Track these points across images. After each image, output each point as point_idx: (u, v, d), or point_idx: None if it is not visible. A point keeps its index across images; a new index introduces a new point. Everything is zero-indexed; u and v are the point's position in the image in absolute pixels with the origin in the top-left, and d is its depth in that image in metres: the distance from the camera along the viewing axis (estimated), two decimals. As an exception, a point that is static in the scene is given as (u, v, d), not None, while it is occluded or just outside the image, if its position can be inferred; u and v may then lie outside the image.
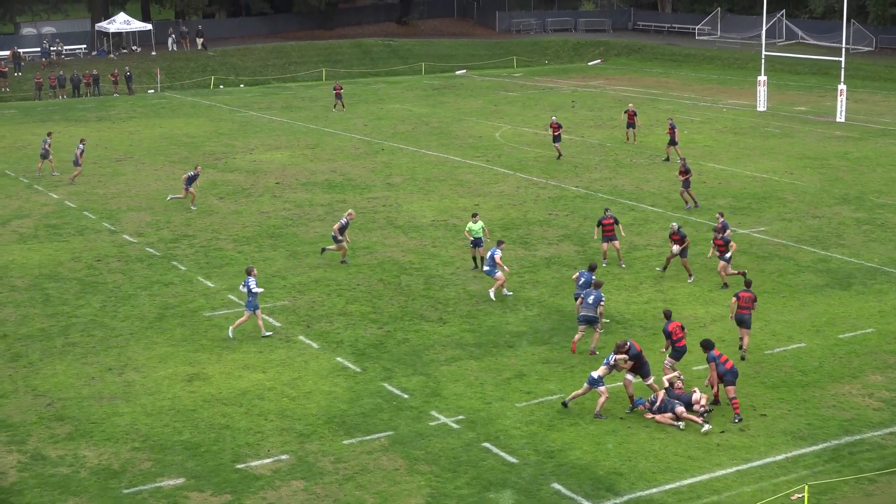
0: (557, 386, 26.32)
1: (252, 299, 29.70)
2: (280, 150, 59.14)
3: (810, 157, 54.32)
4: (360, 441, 23.61)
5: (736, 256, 36.86)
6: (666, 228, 40.66)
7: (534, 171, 52.17)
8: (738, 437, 23.48)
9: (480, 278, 34.93)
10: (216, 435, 23.99)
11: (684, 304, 32.27)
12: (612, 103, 75.42)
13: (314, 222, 42.76)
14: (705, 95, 79.15)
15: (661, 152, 55.61)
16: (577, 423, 24.28)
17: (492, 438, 23.63)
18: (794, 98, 76.57)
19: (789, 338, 29.45)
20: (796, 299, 32.66)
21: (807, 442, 23.31)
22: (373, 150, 58.47)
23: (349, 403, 25.57)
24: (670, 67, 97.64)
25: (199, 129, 64.90)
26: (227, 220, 43.35)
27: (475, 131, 64.27)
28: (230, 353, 28.82)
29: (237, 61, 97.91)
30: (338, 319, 31.44)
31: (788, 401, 25.37)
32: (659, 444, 23.23)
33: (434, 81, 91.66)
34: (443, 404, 25.44)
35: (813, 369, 27.23)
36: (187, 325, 31.12)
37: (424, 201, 46.05)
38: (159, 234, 41.42)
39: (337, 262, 36.88)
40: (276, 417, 24.86)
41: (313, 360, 28.30)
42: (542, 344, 29.21)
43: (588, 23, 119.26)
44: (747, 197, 45.83)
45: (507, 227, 41.46)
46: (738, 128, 63.83)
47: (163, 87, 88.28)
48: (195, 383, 26.88)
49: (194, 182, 45.18)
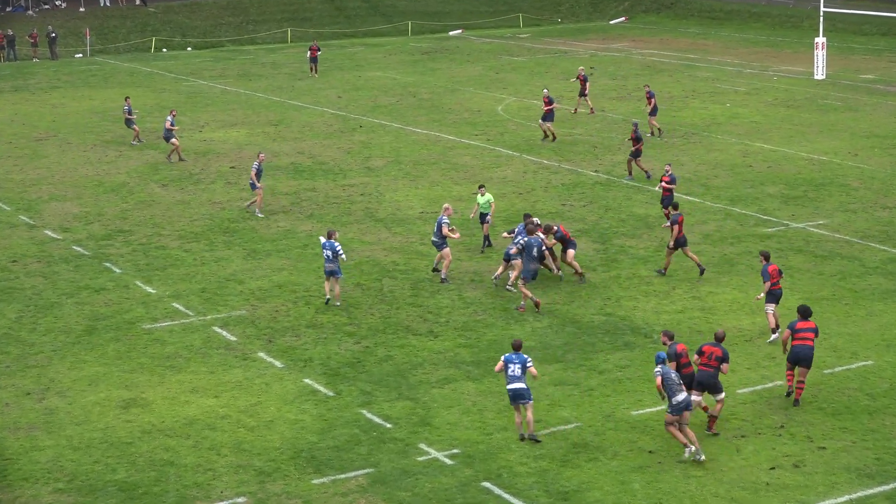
0: (572, 413, 26.33)
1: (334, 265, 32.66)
2: (236, 127, 59.12)
3: (879, 136, 54.40)
4: (332, 480, 23.58)
5: (790, 255, 36.93)
6: (705, 223, 40.73)
7: (544, 152, 52.21)
8: (791, 475, 23.50)
9: (478, 282, 34.96)
10: (157, 473, 23.94)
11: (725, 313, 32.31)
12: (640, 70, 75.51)
13: (277, 215, 42.76)
14: (752, 61, 79.25)
15: (695, 128, 55.70)
16: (597, 457, 24.29)
17: (493, 477, 23.62)
18: (860, 64, 76.69)
19: (853, 354, 29.48)
20: (862, 307, 32.70)
21: (875, 480, 23.32)
22: (349, 128, 58.47)
23: (320, 435, 25.55)
24: (710, 27, 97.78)
25: (138, 102, 64.76)
26: (172, 213, 43.32)
27: (473, 104, 64.30)
28: (175, 374, 28.79)
29: (183, 19, 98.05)
30: (306, 333, 31.43)
31: (853, 431, 25.39)
32: (695, 483, 23.24)
33: (423, 44, 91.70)
34: (433, 435, 25.44)
35: (882, 392, 27.25)
36: (123, 340, 31.09)
37: (411, 189, 46.08)
38: (89, 229, 41.39)
39: (305, 264, 36.88)
40: (230, 452, 24.83)
41: (276, 383, 28.28)
42: (554, 362, 29.23)
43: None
44: (803, 184, 45.90)
45: (512, 219, 41.45)
46: (791, 100, 63.92)
47: (93, 50, 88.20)
48: (132, 410, 26.84)
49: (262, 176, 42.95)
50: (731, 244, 38.44)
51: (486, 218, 37.89)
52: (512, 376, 24.86)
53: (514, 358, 25.02)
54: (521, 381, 24.83)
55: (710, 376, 25.09)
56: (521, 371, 24.88)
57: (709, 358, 25.19)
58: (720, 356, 25.12)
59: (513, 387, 24.85)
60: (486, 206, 37.86)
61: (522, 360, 24.92)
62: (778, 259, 36.48)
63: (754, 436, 25.12)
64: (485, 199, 37.87)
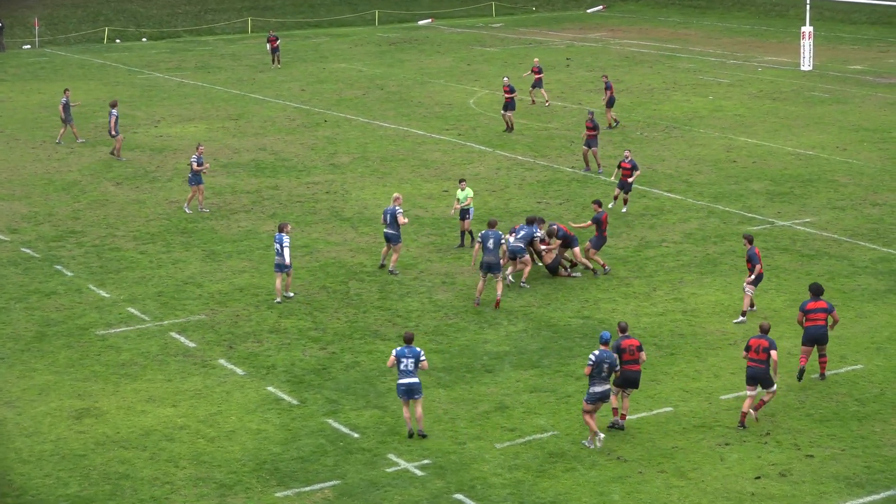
0: (549, 421, 26.40)
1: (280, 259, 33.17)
2: (194, 121, 59.03)
3: (868, 129, 54.70)
4: (297, 493, 23.59)
5: (775, 254, 37.11)
6: (687, 221, 40.89)
7: (518, 147, 52.31)
8: (777, 485, 23.61)
9: (449, 284, 35.03)
10: (112, 487, 23.90)
11: (708, 316, 32.44)
12: (618, 61, 75.70)
13: (237, 214, 42.72)
14: (736, 51, 79.57)
15: (677, 122, 55.91)
16: (575, 467, 24.36)
17: (466, 488, 23.67)
18: (849, 54, 77.10)
19: (842, 358, 29.64)
20: (851, 309, 32.88)
21: (865, 490, 23.44)
22: (313, 122, 58.46)
23: (283, 445, 25.55)
24: (691, 16, 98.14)
25: (90, 96, 64.62)
26: (126, 212, 43.23)
27: (443, 97, 64.37)
28: (130, 383, 28.74)
29: (138, 8, 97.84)
30: (268, 338, 31.43)
31: (842, 438, 25.54)
32: (677, 493, 23.33)
33: (391, 34, 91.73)
34: (403, 445, 25.47)
35: (873, 398, 27.41)
36: (75, 347, 31.01)
37: (379, 187, 46.10)
38: (38, 230, 41.26)
39: (267, 266, 36.86)
40: (189, 464, 24.81)
41: (237, 391, 28.26)
42: (530, 368, 29.30)
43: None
44: (789, 179, 46.12)
45: (484, 218, 41.45)
46: (776, 92, 64.21)
47: (42, 41, 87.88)
48: (85, 421, 26.78)
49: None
50: (715, 243, 38.60)
51: (468, 213, 38.17)
52: (404, 371, 25.38)
53: (407, 352, 25.51)
54: (413, 375, 25.38)
55: (761, 371, 25.82)
56: (414, 366, 25.40)
57: (756, 352, 25.86)
58: (767, 347, 25.78)
59: (405, 381, 25.40)
60: (464, 200, 38.08)
61: (416, 354, 25.44)
62: (764, 258, 36.61)
63: (739, 444, 25.24)
64: (464, 193, 38.08)
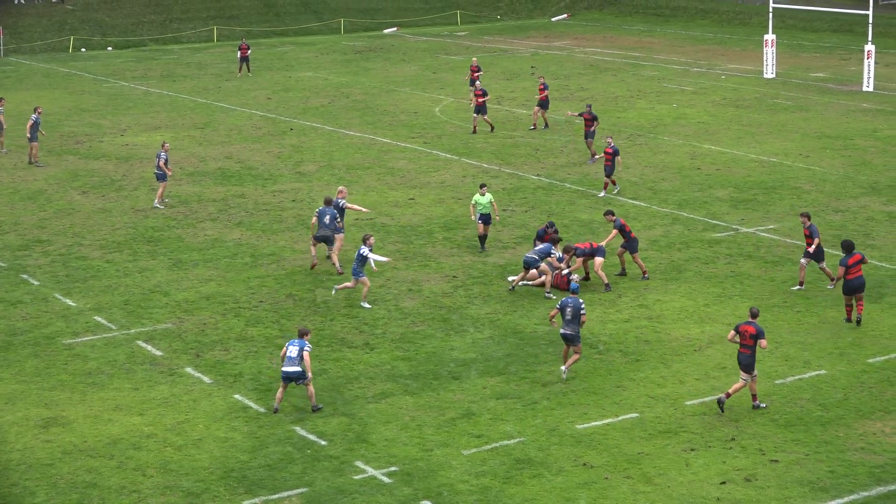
0: (515, 428, 26.44)
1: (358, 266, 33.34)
2: (160, 130, 58.85)
3: (831, 136, 54.99)
4: (265, 501, 23.55)
5: (739, 261, 37.28)
6: (652, 228, 41.02)
7: (484, 155, 52.36)
8: (742, 490, 23.70)
9: (416, 292, 35.04)
10: (79, 496, 23.81)
11: (674, 322, 32.55)
12: (582, 69, 75.88)
13: (204, 223, 42.63)
14: (699, 59, 79.87)
15: (641, 130, 56.08)
16: (541, 473, 24.40)
17: (433, 495, 23.68)
18: (811, 62, 77.51)
19: (806, 363, 29.79)
20: (814, 315, 33.04)
21: (829, 494, 23.57)
22: (279, 131, 58.38)
23: (251, 453, 25.51)
24: (655, 24, 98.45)
25: (56, 105, 64.33)
26: (92, 221, 43.07)
27: (409, 106, 64.39)
28: (97, 391, 28.64)
29: (103, 17, 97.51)
30: (235, 346, 31.36)
31: (805, 443, 25.66)
32: (643, 499, 23.40)
33: (356, 42, 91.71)
34: (370, 452, 25.47)
35: (836, 403, 27.55)
36: (41, 356, 30.87)
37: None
38: (4, 239, 41.07)
39: (234, 274, 36.78)
40: (157, 472, 24.74)
41: (204, 399, 28.20)
42: (496, 375, 29.32)
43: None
44: (752, 186, 46.31)
45: (451, 226, 41.58)
46: (740, 99, 64.49)
47: (6, 50, 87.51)
48: (52, 430, 26.67)
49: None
50: (679, 250, 38.73)
51: (489, 219, 38.54)
52: (289, 358, 27.01)
53: (296, 342, 27.16)
54: (295, 364, 26.97)
55: (748, 357, 26.63)
56: (298, 353, 27.00)
57: (743, 337, 26.67)
58: (754, 334, 26.57)
59: (287, 369, 27.00)
60: (488, 206, 38.39)
61: (301, 345, 27.06)
62: (726, 266, 36.86)
63: (704, 449, 25.35)
64: (485, 199, 38.38)
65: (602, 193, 44.90)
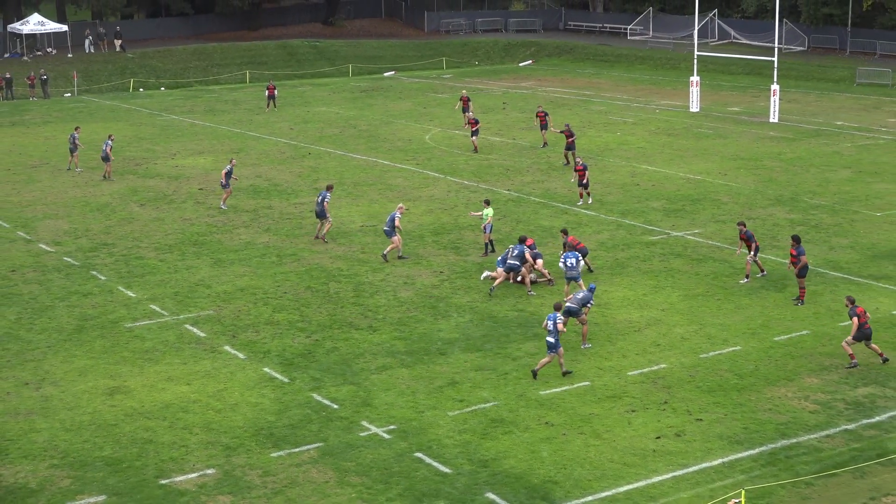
0: (491, 394, 26.42)
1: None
2: (203, 154, 58.71)
3: (744, 158, 55.04)
4: (288, 453, 23.51)
5: (671, 259, 37.32)
6: (600, 232, 41.01)
7: (465, 174, 52.32)
8: (673, 443, 23.72)
9: (410, 285, 35.00)
10: (139, 450, 23.76)
11: (618, 308, 32.55)
12: (545, 104, 75.76)
13: (239, 229, 42.52)
14: (638, 96, 79.88)
15: (591, 153, 56.09)
16: (511, 431, 24.38)
17: (424, 448, 23.65)
18: (728, 98, 77.56)
19: (724, 341, 29.82)
20: (731, 302, 33.07)
21: (743, 446, 23.61)
22: (299, 155, 58.27)
23: (277, 415, 25.46)
24: (602, 68, 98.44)
25: (119, 134, 64.09)
26: (149, 228, 42.95)
27: (404, 134, 64.32)
28: (152, 366, 28.56)
29: (157, 63, 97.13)
30: (264, 329, 31.29)
31: (724, 405, 25.68)
32: (594, 451, 23.40)
33: (362, 83, 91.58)
34: (373, 414, 25.43)
35: (748, 373, 27.59)
36: (107, 337, 30.79)
37: (353, 206, 45.99)
38: (77, 242, 40.93)
39: (263, 270, 36.68)
40: (201, 431, 24.68)
41: (239, 371, 28.14)
42: (475, 351, 29.30)
43: (518, 23, 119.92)
44: (681, 199, 46.33)
45: (438, 231, 41.53)
46: (671, 129, 64.50)
47: (80, 90, 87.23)
48: (116, 397, 26.60)
49: (231, 178, 45.69)
50: (622, 250, 38.73)
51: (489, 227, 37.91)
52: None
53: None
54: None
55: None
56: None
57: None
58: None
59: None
60: (486, 218, 37.86)
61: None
62: (660, 263, 36.85)
63: (643, 410, 25.36)
64: (487, 211, 37.89)
65: (580, 202, 45.14)
